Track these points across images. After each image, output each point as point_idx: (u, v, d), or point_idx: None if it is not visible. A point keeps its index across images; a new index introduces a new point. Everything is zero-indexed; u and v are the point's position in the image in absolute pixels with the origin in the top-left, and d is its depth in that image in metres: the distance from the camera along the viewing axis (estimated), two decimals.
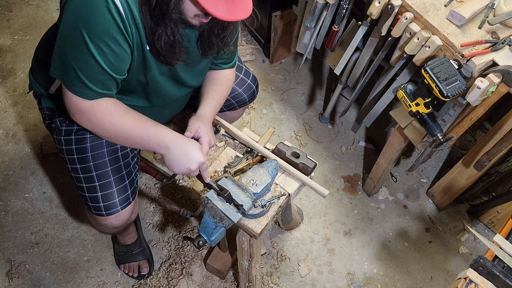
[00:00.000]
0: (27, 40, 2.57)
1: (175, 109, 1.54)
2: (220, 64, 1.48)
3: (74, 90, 1.13)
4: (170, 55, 1.17)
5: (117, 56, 1.11)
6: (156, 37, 1.12)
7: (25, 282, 1.84)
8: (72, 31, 1.06)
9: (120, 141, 1.24)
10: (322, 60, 2.70)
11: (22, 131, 2.22)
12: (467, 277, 1.05)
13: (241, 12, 1.06)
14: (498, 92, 1.40)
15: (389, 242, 2.09)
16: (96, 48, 1.07)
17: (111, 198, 1.39)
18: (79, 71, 1.10)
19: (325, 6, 1.80)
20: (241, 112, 1.80)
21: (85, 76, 1.10)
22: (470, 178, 1.95)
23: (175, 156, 1.23)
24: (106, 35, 1.06)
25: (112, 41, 1.07)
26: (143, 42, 1.15)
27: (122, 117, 1.20)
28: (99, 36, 1.05)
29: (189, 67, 1.34)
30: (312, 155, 2.31)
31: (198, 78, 1.45)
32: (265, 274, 1.93)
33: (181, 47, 1.18)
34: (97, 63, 1.09)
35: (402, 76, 1.67)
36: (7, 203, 2.02)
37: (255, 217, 1.37)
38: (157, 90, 1.33)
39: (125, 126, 1.20)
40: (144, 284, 1.87)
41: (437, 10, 1.49)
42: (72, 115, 1.20)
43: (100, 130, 1.21)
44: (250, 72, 1.69)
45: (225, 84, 1.49)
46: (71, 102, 1.16)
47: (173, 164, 1.24)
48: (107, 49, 1.08)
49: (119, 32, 1.07)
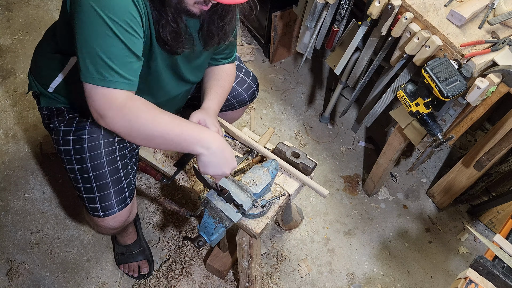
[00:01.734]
0: (27, 40, 2.57)
1: (174, 107, 1.53)
2: (220, 59, 1.48)
3: (107, 82, 1.06)
4: (175, 44, 1.17)
5: (138, 36, 1.09)
6: (161, 26, 1.12)
7: (25, 282, 1.84)
8: (92, 19, 1.02)
9: (155, 141, 1.16)
10: (322, 60, 2.70)
11: (22, 131, 2.22)
12: (467, 277, 1.05)
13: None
14: (498, 92, 1.40)
15: (389, 242, 2.09)
16: (119, 29, 1.03)
17: (108, 199, 1.38)
18: (107, 59, 1.04)
19: (325, 6, 1.80)
20: (241, 112, 1.80)
21: (113, 62, 1.05)
22: (470, 178, 1.95)
23: (216, 158, 1.20)
24: (126, 14, 1.03)
25: (132, 20, 1.05)
26: (152, 28, 1.14)
27: (159, 113, 1.13)
28: (119, 16, 1.02)
29: (188, 61, 1.34)
30: (312, 155, 2.31)
31: (197, 74, 1.44)
32: (265, 274, 1.93)
33: (186, 34, 1.17)
34: (123, 44, 1.05)
35: (402, 76, 1.67)
36: (7, 203, 2.02)
37: (255, 217, 1.37)
38: (157, 81, 1.33)
39: (164, 123, 1.13)
40: (144, 284, 1.87)
41: (437, 10, 1.49)
42: (101, 117, 1.10)
43: (136, 128, 1.11)
44: (250, 72, 1.69)
45: (227, 79, 1.48)
46: (104, 99, 1.07)
47: (211, 165, 1.21)
48: (129, 28, 1.05)
49: (136, 11, 1.06)
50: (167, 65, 1.30)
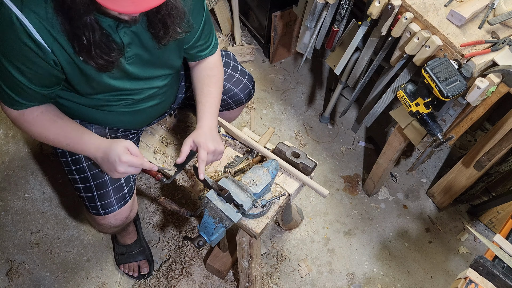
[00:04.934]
0: None
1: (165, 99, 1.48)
2: (197, 53, 1.41)
3: (3, 99, 1.18)
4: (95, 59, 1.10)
5: (37, 73, 1.11)
6: (75, 45, 1.07)
7: (25, 282, 1.84)
8: None
9: (54, 146, 1.31)
10: (322, 60, 2.70)
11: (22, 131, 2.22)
12: (467, 277, 1.05)
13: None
14: (498, 92, 1.40)
15: (389, 242, 2.09)
16: (13, 68, 1.09)
17: (107, 197, 1.39)
18: (3, 84, 1.14)
19: (325, 6, 1.80)
20: (239, 111, 1.80)
21: (9, 88, 1.14)
22: (470, 178, 1.95)
23: (104, 164, 1.24)
24: (21, 57, 1.07)
25: (28, 62, 1.08)
26: (70, 53, 1.11)
27: (48, 127, 1.24)
28: (14, 58, 1.07)
29: (148, 63, 1.27)
30: (312, 155, 2.31)
31: (170, 65, 1.36)
32: (265, 274, 1.93)
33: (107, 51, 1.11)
34: (17, 80, 1.11)
35: (402, 76, 1.67)
36: (7, 203, 2.02)
37: (255, 217, 1.37)
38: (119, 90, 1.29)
39: (51, 136, 1.24)
40: (144, 284, 1.87)
41: (437, 10, 1.49)
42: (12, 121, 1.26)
43: (31, 135, 1.27)
44: (246, 71, 1.68)
45: (210, 82, 1.43)
46: (4, 109, 1.22)
47: (107, 171, 1.25)
48: (25, 68, 1.09)
49: (34, 54, 1.07)
50: (119, 76, 1.24)
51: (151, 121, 1.56)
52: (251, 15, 2.58)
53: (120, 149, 1.20)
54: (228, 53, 1.69)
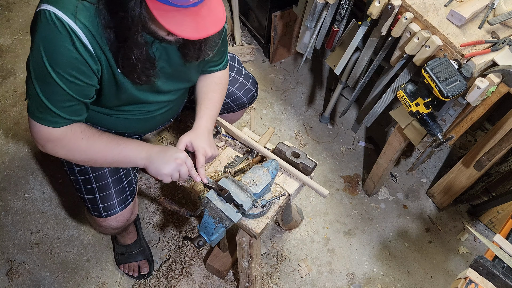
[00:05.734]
0: (27, 40, 2.57)
1: (173, 110, 1.52)
2: (210, 68, 1.46)
3: (45, 121, 1.13)
4: (136, 76, 1.16)
5: (83, 84, 1.11)
6: (120, 59, 1.11)
7: (25, 282, 1.84)
8: (39, 64, 1.06)
9: (97, 162, 1.25)
10: (322, 60, 2.70)
11: (22, 131, 2.22)
12: (467, 277, 1.05)
13: (212, 26, 1.02)
14: (498, 92, 1.40)
15: (389, 242, 2.09)
16: (60, 78, 1.07)
17: (109, 199, 1.39)
18: (47, 101, 1.10)
19: (325, 6, 1.80)
20: (241, 114, 1.80)
21: (53, 105, 1.10)
22: (470, 178, 1.95)
23: (158, 163, 1.24)
24: (70, 66, 1.06)
25: (77, 71, 1.08)
26: (112, 67, 1.14)
27: (98, 138, 1.21)
28: (63, 68, 1.06)
29: (171, 78, 1.32)
30: (312, 155, 2.31)
31: (188, 81, 1.42)
32: (265, 274, 1.93)
33: (146, 68, 1.15)
34: (63, 91, 1.09)
35: (402, 76, 1.67)
36: (7, 203, 2.02)
37: (255, 217, 1.37)
38: (142, 103, 1.33)
39: (103, 145, 1.21)
40: (144, 284, 1.87)
41: (437, 10, 1.49)
42: (41, 146, 1.18)
43: (76, 154, 1.20)
44: (250, 75, 1.69)
45: (216, 88, 1.46)
46: (40, 133, 1.15)
47: (158, 170, 1.24)
48: (71, 77, 1.08)
49: (84, 62, 1.07)
50: (146, 89, 1.28)
51: (159, 126, 1.57)
52: (251, 15, 2.58)
53: (175, 150, 1.26)
54: (233, 55, 1.69)
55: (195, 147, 1.32)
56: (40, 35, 1.03)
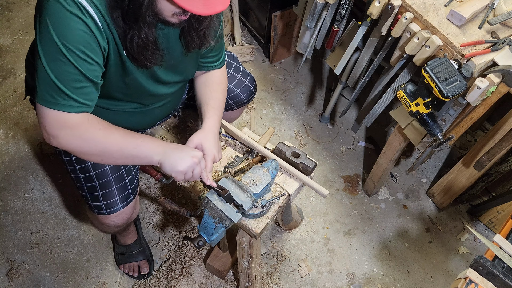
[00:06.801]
0: (27, 40, 2.57)
1: (170, 106, 1.52)
2: (207, 64, 1.45)
3: (58, 105, 1.08)
4: (144, 58, 1.16)
5: (94, 62, 1.10)
6: (129, 40, 1.10)
7: (25, 282, 1.84)
8: (48, 44, 1.04)
9: (112, 156, 1.19)
10: (322, 60, 2.70)
11: (22, 131, 2.22)
12: (467, 277, 1.05)
13: (219, 4, 1.03)
14: (498, 92, 1.40)
15: (389, 242, 2.09)
16: (72, 55, 1.05)
17: (111, 196, 1.39)
18: (59, 82, 1.06)
19: (325, 6, 1.80)
20: (239, 112, 1.80)
21: (65, 86, 1.07)
22: (470, 178, 1.95)
23: (174, 158, 1.21)
24: (81, 42, 1.05)
25: (88, 47, 1.07)
26: (119, 48, 1.14)
27: (115, 130, 1.18)
28: (73, 44, 1.04)
29: (171, 68, 1.32)
30: (312, 155, 2.31)
31: (186, 73, 1.41)
32: (265, 274, 1.93)
33: (155, 49, 1.16)
34: (76, 69, 1.07)
35: (402, 76, 1.67)
36: (7, 203, 2.02)
37: (255, 217, 1.37)
38: (142, 91, 1.32)
39: (120, 137, 1.17)
40: (144, 284, 1.87)
41: (437, 10, 1.49)
42: (54, 137, 1.12)
43: (92, 145, 1.15)
44: (248, 73, 1.69)
45: (219, 89, 1.46)
46: (54, 120, 1.10)
47: (174, 167, 1.21)
48: (83, 55, 1.06)
49: (93, 37, 1.07)
50: (148, 76, 1.28)
51: (157, 122, 1.57)
52: (251, 15, 2.58)
53: (191, 149, 1.25)
54: (230, 53, 1.69)
55: (205, 150, 1.30)
56: (48, 11, 1.02)
